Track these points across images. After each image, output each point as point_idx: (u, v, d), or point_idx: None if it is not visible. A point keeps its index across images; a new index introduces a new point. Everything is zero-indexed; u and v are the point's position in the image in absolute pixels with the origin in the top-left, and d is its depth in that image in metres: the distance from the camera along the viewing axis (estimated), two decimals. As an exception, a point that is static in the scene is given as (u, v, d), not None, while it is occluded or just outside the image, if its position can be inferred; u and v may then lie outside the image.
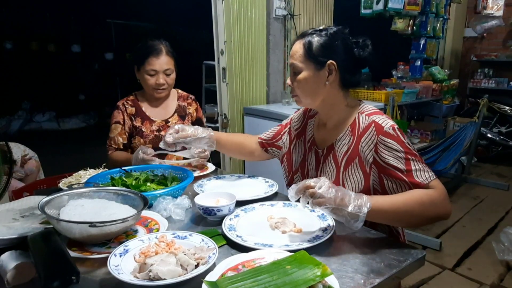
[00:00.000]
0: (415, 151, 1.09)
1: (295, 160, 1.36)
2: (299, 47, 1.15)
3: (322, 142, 1.26)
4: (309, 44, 1.13)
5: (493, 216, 3.21)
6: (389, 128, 1.09)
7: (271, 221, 1.11)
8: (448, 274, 2.37)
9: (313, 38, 1.13)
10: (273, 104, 3.20)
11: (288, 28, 3.23)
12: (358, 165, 1.14)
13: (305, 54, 1.14)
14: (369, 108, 1.20)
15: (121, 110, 1.80)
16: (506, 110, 4.43)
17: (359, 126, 1.16)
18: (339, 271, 0.87)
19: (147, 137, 1.80)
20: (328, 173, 1.21)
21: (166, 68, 1.74)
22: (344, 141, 1.19)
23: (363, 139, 1.14)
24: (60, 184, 1.39)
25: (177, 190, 1.26)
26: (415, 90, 3.66)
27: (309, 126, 1.35)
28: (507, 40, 5.25)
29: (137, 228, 1.08)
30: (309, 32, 1.16)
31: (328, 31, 1.14)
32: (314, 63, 1.14)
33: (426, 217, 1.03)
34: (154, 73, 1.73)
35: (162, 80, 1.74)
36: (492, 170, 4.50)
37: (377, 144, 1.10)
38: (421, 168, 1.06)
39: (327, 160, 1.22)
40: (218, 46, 2.86)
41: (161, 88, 1.77)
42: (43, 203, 0.99)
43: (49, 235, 0.92)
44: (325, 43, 1.13)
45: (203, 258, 0.87)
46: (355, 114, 1.19)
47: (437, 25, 3.94)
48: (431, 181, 1.04)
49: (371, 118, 1.14)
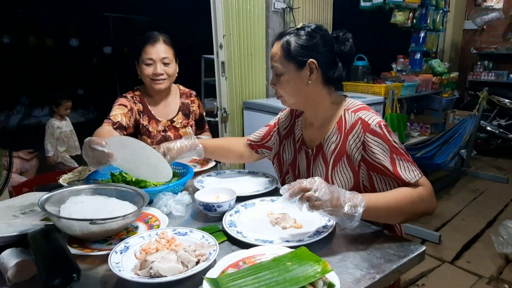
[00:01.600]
0: (401, 148, 1.08)
1: (286, 160, 1.35)
2: (278, 49, 1.14)
3: (311, 141, 1.26)
4: (287, 45, 1.12)
5: (492, 209, 3.22)
6: (375, 126, 1.08)
7: (271, 217, 1.12)
8: (447, 267, 2.39)
9: (290, 38, 1.12)
10: (273, 98, 3.19)
11: (288, 21, 3.21)
12: (346, 163, 1.14)
13: (284, 55, 1.12)
14: (355, 103, 1.19)
15: (129, 99, 1.71)
16: (506, 103, 4.43)
17: (346, 124, 1.15)
18: (340, 267, 0.87)
19: (155, 137, 1.74)
20: (318, 172, 1.20)
21: (163, 57, 1.66)
22: (331, 140, 1.18)
23: (350, 136, 1.13)
24: (60, 180, 1.39)
25: (177, 186, 1.26)
26: (415, 84, 3.65)
27: (296, 125, 1.34)
28: (507, 33, 5.23)
29: (137, 225, 1.08)
30: (287, 32, 1.14)
31: (306, 29, 1.12)
32: (294, 64, 1.12)
33: (415, 214, 1.05)
34: (151, 62, 1.65)
35: (159, 69, 1.65)
36: (491, 163, 4.51)
37: (364, 142, 1.10)
38: (407, 166, 1.06)
39: (316, 159, 1.22)
40: (217, 40, 2.84)
41: (159, 79, 1.67)
42: (43, 200, 0.99)
43: (49, 232, 0.92)
44: (303, 42, 1.11)
45: (203, 255, 0.87)
46: (341, 111, 1.18)
47: (437, 18, 3.92)
48: (419, 179, 1.05)
49: (357, 115, 1.13)
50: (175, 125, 1.81)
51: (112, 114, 1.63)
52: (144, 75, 1.69)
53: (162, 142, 1.70)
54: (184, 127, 1.83)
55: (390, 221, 1.09)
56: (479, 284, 2.22)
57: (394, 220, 1.07)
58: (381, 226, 1.17)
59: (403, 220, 1.07)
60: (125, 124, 1.63)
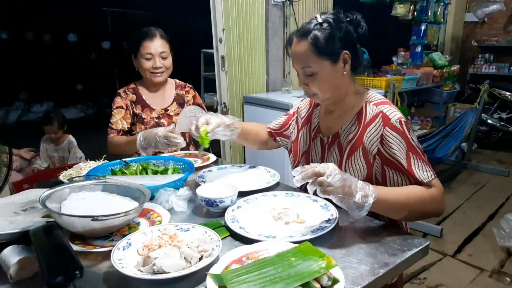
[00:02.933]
0: (419, 148, 1.08)
1: (300, 149, 1.34)
2: (306, 48, 1.09)
3: (328, 129, 1.25)
4: (316, 41, 1.07)
5: (493, 202, 3.22)
6: (396, 121, 1.08)
7: (273, 212, 1.11)
8: (449, 261, 2.39)
9: (318, 34, 1.07)
10: (273, 92, 3.17)
11: (287, 14, 3.18)
12: (361, 155, 1.13)
13: (317, 53, 1.08)
14: (377, 97, 1.18)
15: (123, 97, 1.82)
16: (507, 96, 4.41)
17: (366, 115, 1.14)
18: (344, 262, 0.87)
19: (148, 123, 1.81)
20: (332, 161, 1.20)
21: (161, 51, 1.76)
22: (349, 130, 1.17)
23: (368, 129, 1.12)
24: (61, 176, 1.38)
25: (179, 181, 1.25)
26: (416, 77, 3.63)
27: (314, 114, 1.33)
28: (508, 25, 5.19)
29: (139, 221, 1.07)
30: (309, 28, 1.09)
31: (329, 20, 1.08)
32: (329, 60, 1.09)
33: (422, 213, 1.06)
34: (150, 56, 1.75)
35: (158, 63, 1.76)
36: (492, 156, 4.50)
37: (383, 136, 1.09)
38: (422, 165, 1.06)
39: (331, 148, 1.22)
40: (217, 34, 2.82)
41: (158, 72, 1.78)
42: (44, 197, 0.98)
43: (51, 229, 0.91)
44: (333, 35, 1.07)
45: (206, 251, 0.86)
46: (362, 102, 1.17)
47: (437, 10, 3.89)
48: (432, 180, 1.05)
49: (378, 108, 1.12)
50: (169, 113, 1.87)
51: (113, 122, 1.79)
52: (143, 69, 1.78)
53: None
54: (177, 115, 1.88)
55: (397, 217, 1.09)
56: (481, 278, 2.22)
57: (401, 216, 1.06)
58: (385, 221, 1.17)
59: (410, 218, 1.07)
60: (126, 128, 1.80)
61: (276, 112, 2.72)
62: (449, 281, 2.18)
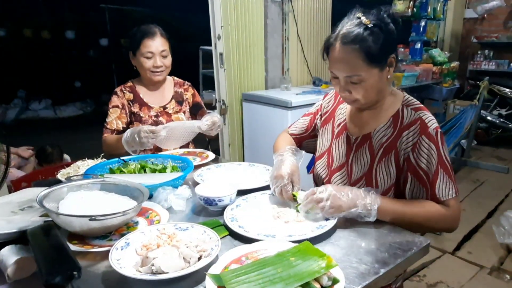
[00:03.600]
0: (448, 163, 1.05)
1: (322, 145, 1.31)
2: (355, 56, 1.00)
3: (357, 129, 1.20)
4: (367, 50, 0.99)
5: (493, 199, 3.22)
6: (433, 130, 1.05)
7: (273, 211, 1.10)
8: (448, 258, 2.39)
9: (368, 40, 0.99)
10: (272, 90, 3.16)
11: (286, 11, 3.16)
12: (392, 159, 1.10)
13: (367, 61, 1.01)
14: (414, 101, 1.14)
15: (119, 96, 1.80)
16: (507, 92, 4.40)
17: (403, 119, 1.10)
18: (343, 262, 0.86)
19: (146, 122, 1.79)
20: (361, 162, 1.17)
21: (162, 50, 1.73)
22: (384, 132, 1.13)
23: (404, 133, 1.08)
24: (59, 175, 1.37)
25: (177, 180, 1.25)
26: (415, 74, 3.62)
27: (339, 110, 1.28)
28: (507, 21, 5.17)
29: (137, 220, 1.07)
30: (358, 33, 1.00)
31: (379, 23, 1.00)
32: (379, 66, 1.03)
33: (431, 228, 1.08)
34: (151, 55, 1.72)
35: (159, 62, 1.73)
36: (492, 153, 4.50)
37: (417, 143, 1.06)
38: (447, 182, 1.04)
39: (360, 148, 1.17)
40: (215, 31, 2.80)
41: (159, 71, 1.75)
42: (41, 196, 0.98)
43: (49, 229, 0.90)
44: (383, 40, 1.00)
45: (205, 250, 0.86)
46: (398, 104, 1.13)
47: (437, 6, 3.88)
48: (450, 199, 1.04)
49: (417, 114, 1.08)
50: (167, 111, 1.85)
51: (108, 121, 1.77)
52: (143, 68, 1.75)
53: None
54: (177, 113, 1.87)
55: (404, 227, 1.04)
56: (480, 275, 2.23)
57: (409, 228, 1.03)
58: None
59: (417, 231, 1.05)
60: (121, 127, 1.77)
61: (275, 110, 2.71)
62: (449, 279, 2.18)
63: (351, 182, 1.20)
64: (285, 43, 3.23)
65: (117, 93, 1.80)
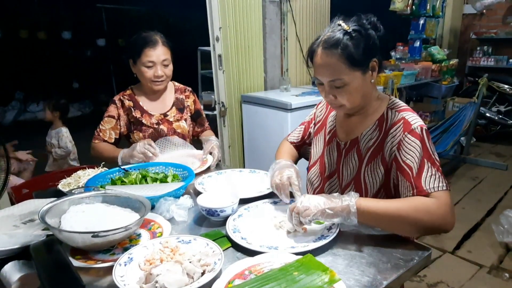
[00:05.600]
0: (436, 158, 1.04)
1: (315, 153, 1.32)
2: (335, 60, 1.03)
3: (346, 134, 1.22)
4: (348, 53, 1.02)
5: (492, 196, 3.23)
6: (417, 127, 1.05)
7: (275, 221, 1.11)
8: (448, 257, 2.40)
9: (349, 44, 1.02)
10: (271, 91, 3.15)
11: (284, 11, 3.14)
12: (380, 161, 1.11)
13: (349, 65, 1.03)
14: (400, 104, 1.15)
15: (117, 106, 1.77)
16: (506, 88, 4.40)
17: (387, 121, 1.12)
18: (346, 273, 0.87)
19: (146, 131, 1.77)
20: (350, 167, 1.18)
21: (163, 59, 1.70)
22: (370, 135, 1.14)
23: (389, 134, 1.10)
24: (60, 185, 1.37)
25: (179, 190, 1.25)
26: (414, 72, 3.62)
27: (330, 117, 1.30)
28: (506, 17, 5.16)
29: (140, 232, 1.07)
30: (338, 38, 1.03)
31: (357, 29, 1.04)
32: (360, 70, 1.06)
33: (421, 226, 0.96)
34: (152, 64, 1.69)
35: (160, 71, 1.70)
36: (490, 150, 4.51)
37: (401, 141, 1.06)
38: (434, 174, 1.00)
39: (349, 153, 1.19)
40: (213, 33, 2.79)
41: (160, 80, 1.73)
42: (43, 212, 0.98)
43: (52, 244, 0.91)
44: (364, 45, 1.03)
45: (209, 265, 0.86)
46: (383, 108, 1.15)
47: (436, 4, 3.87)
48: (438, 191, 0.99)
49: (401, 115, 1.10)
50: (168, 118, 1.83)
51: (101, 129, 1.76)
52: (144, 77, 1.72)
53: (154, 135, 1.76)
54: (178, 121, 1.84)
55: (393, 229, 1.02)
56: (480, 274, 2.24)
57: (397, 228, 1.01)
58: None
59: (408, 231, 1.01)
60: (114, 139, 1.77)
61: (275, 112, 2.71)
62: (449, 278, 2.19)
63: (342, 187, 1.22)
64: (284, 43, 3.22)
65: (115, 102, 1.77)
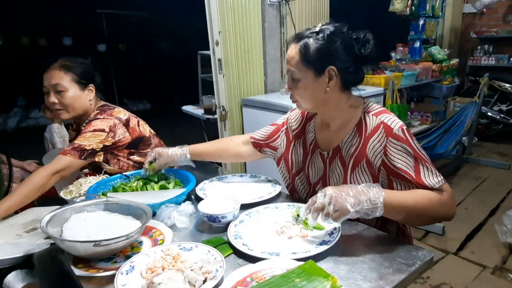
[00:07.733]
0: (423, 153, 1.07)
1: (296, 161, 1.32)
2: (295, 52, 1.09)
3: (326, 144, 1.23)
4: (305, 49, 1.07)
5: (495, 196, 3.22)
6: (398, 130, 1.07)
7: (276, 226, 1.10)
8: (451, 259, 2.39)
9: (309, 42, 1.07)
10: (272, 94, 3.16)
11: (284, 14, 3.15)
12: (365, 167, 1.12)
13: (302, 59, 1.08)
14: (374, 106, 1.16)
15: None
16: (507, 87, 4.39)
17: (367, 127, 1.12)
18: (348, 279, 0.87)
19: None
20: (336, 175, 1.19)
21: (53, 83, 1.49)
22: (351, 142, 1.15)
23: (371, 140, 1.11)
24: (61, 193, 1.37)
25: (180, 196, 1.25)
26: (415, 72, 3.61)
27: (308, 127, 1.30)
28: (507, 15, 5.15)
29: (141, 240, 1.07)
30: (305, 34, 1.09)
31: (325, 32, 1.07)
32: (313, 69, 1.08)
33: (433, 217, 1.05)
34: (46, 90, 1.51)
35: (52, 98, 1.49)
36: (493, 149, 4.50)
37: (386, 146, 1.07)
38: (431, 171, 1.05)
39: (333, 162, 1.19)
40: (213, 37, 2.80)
41: (55, 109, 1.52)
42: (45, 221, 0.98)
43: (54, 253, 0.91)
44: (323, 48, 1.06)
45: (210, 272, 0.86)
46: (359, 113, 1.16)
47: (436, 4, 3.87)
48: (442, 185, 1.04)
49: (379, 119, 1.11)
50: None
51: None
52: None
53: None
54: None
55: (408, 222, 1.08)
56: (484, 275, 2.23)
57: (413, 220, 1.06)
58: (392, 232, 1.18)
59: (421, 222, 1.06)
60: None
61: (276, 115, 2.71)
62: (452, 279, 2.18)
63: None
64: (284, 46, 3.23)
65: None
